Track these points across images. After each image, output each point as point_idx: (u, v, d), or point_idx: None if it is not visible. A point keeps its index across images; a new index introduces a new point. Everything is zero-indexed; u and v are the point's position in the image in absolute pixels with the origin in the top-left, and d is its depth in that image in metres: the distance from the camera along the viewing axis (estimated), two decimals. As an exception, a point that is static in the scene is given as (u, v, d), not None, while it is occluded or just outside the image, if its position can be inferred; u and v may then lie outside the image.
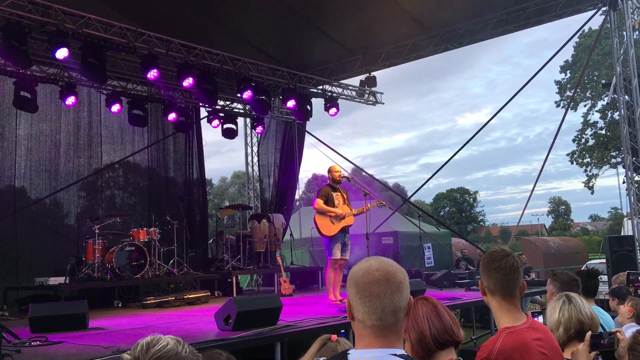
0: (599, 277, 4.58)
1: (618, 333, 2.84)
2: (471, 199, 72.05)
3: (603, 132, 31.45)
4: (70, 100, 10.29)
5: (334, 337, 2.30)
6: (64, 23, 8.34)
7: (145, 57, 9.50)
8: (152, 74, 9.56)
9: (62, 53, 8.41)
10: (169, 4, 11.08)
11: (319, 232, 8.32)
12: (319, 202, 8.25)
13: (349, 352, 1.73)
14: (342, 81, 13.37)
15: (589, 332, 2.84)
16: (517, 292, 2.61)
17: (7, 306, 8.85)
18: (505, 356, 2.41)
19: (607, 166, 32.40)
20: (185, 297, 9.58)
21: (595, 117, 31.67)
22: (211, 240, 12.72)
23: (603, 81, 19.90)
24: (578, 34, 15.66)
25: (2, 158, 10.66)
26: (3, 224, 10.37)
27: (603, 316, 3.92)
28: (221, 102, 13.07)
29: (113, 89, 11.17)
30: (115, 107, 11.05)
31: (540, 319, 3.14)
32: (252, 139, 15.38)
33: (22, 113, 10.49)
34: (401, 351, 1.69)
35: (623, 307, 4.51)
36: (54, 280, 9.14)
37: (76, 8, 8.66)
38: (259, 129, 13.62)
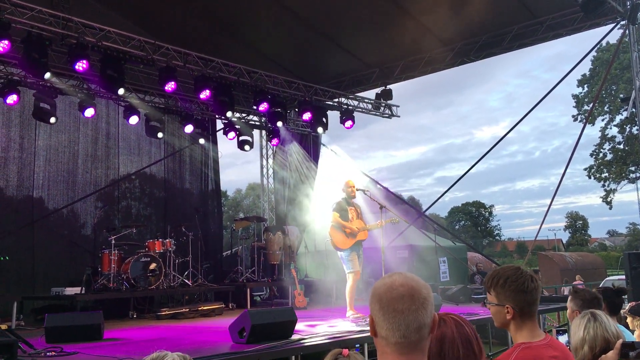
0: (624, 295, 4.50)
1: None
2: (487, 213, 71.56)
3: (621, 146, 31.11)
4: (89, 112, 10.40)
5: (346, 351, 2.24)
6: (84, 36, 8.45)
7: (163, 69, 9.59)
8: (170, 86, 9.64)
9: (81, 65, 8.51)
10: (187, 18, 11.21)
11: (334, 245, 8.29)
12: (335, 216, 8.23)
13: None
14: (358, 94, 13.37)
15: (620, 340, 2.78)
16: (537, 309, 2.58)
17: (23, 316, 8.90)
18: None
19: (626, 181, 32.01)
20: (199, 308, 9.57)
21: (613, 131, 31.36)
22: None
23: (621, 95, 19.71)
24: (596, 48, 15.56)
25: (21, 169, 10.79)
26: (21, 234, 10.47)
27: (626, 335, 3.85)
28: (237, 114, 13.13)
29: (131, 101, 11.27)
30: (133, 119, 11.14)
31: (566, 336, 3.07)
32: (267, 151, 15.42)
33: (42, 124, 10.62)
34: (425, 370, 1.66)
35: (637, 331, 4.42)
36: (70, 291, 9.19)
37: (96, 21, 8.78)
38: (275, 141, 13.65)
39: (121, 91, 9.39)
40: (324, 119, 12.22)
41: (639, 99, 10.01)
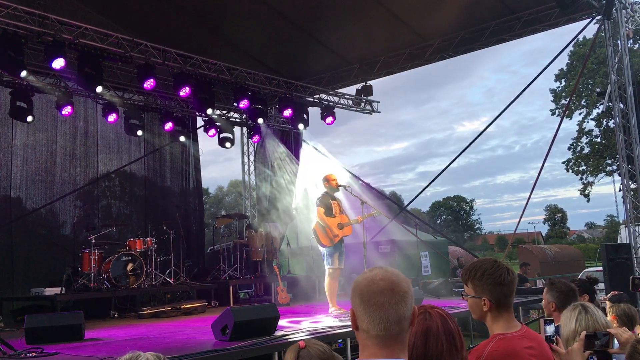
0: (596, 285, 4.66)
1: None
2: (467, 207, 72.25)
3: (598, 140, 31.55)
4: (67, 110, 10.28)
5: (302, 343, 2.30)
6: (61, 33, 8.34)
7: (141, 66, 9.51)
8: (149, 83, 9.57)
9: (58, 63, 8.40)
10: (165, 15, 11.12)
11: (319, 241, 8.28)
12: (321, 212, 8.21)
13: None
14: (338, 90, 13.40)
15: (584, 332, 2.87)
16: (513, 300, 2.65)
17: (3, 317, 8.79)
18: None
19: (603, 174, 32.48)
20: (181, 307, 9.54)
21: (590, 125, 31.77)
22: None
23: (598, 89, 20.00)
24: (572, 43, 15.75)
25: (-3, 168, 10.62)
26: (-1, 234, 10.33)
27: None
28: (218, 111, 13.08)
29: (109, 99, 11.15)
30: (112, 117, 11.03)
31: (552, 326, 3.13)
32: (248, 147, 15.38)
33: (18, 123, 10.47)
34: (405, 361, 1.69)
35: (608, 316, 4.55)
36: (50, 291, 9.10)
37: (73, 18, 8.68)
38: (256, 137, 13.62)
39: (99, 89, 9.29)
40: (304, 116, 12.24)
41: (615, 93, 10.17)
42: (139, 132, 11.57)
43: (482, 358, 2.42)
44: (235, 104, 11.31)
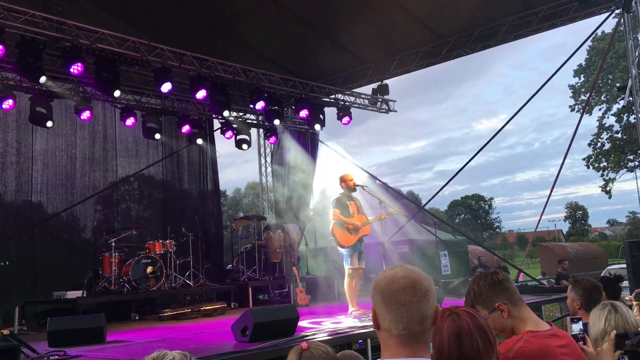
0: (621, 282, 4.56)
1: None
2: (486, 206, 71.72)
3: (619, 135, 31.11)
4: (85, 114, 10.38)
5: (305, 344, 2.32)
6: (78, 38, 8.41)
7: (158, 70, 9.56)
8: (166, 87, 9.61)
9: (76, 68, 8.48)
10: (180, 18, 11.18)
11: (337, 242, 8.25)
12: (336, 213, 8.19)
13: None
14: (354, 90, 13.36)
15: (614, 331, 2.81)
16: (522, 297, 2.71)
17: (26, 320, 8.90)
18: (523, 358, 2.37)
19: (624, 170, 32.03)
20: (201, 309, 9.57)
21: (610, 120, 31.38)
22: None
23: (618, 84, 19.70)
24: (592, 38, 15.54)
25: (19, 173, 10.76)
26: (21, 239, 10.47)
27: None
28: (234, 113, 13.11)
29: (127, 103, 11.25)
30: (130, 121, 11.12)
31: (580, 324, 3.07)
32: (265, 149, 15.39)
33: (38, 128, 10.59)
34: (429, 361, 1.65)
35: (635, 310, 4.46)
36: (72, 294, 9.19)
37: (90, 23, 8.74)
38: (272, 139, 13.62)
39: (117, 93, 9.35)
40: (321, 116, 12.22)
41: (635, 87, 9.99)
42: (157, 136, 11.64)
43: (512, 352, 2.39)
44: (252, 106, 11.31)
